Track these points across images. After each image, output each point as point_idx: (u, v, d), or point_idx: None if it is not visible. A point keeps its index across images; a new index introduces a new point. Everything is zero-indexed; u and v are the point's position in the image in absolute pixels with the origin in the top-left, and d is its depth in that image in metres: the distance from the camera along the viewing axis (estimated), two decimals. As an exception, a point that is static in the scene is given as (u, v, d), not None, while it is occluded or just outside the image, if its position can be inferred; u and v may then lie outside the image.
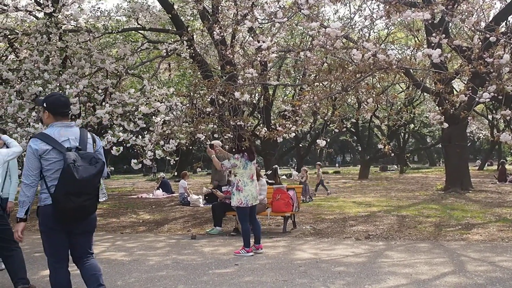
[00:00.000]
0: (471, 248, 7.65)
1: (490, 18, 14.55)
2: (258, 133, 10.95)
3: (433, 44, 7.35)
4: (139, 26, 15.32)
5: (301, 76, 22.00)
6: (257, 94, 20.39)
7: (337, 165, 62.17)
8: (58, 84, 10.29)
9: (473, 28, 8.20)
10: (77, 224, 4.17)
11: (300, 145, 41.67)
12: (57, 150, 4.08)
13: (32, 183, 4.12)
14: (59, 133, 4.18)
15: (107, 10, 14.34)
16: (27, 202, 4.18)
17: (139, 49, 16.11)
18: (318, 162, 22.90)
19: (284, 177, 30.14)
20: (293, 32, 20.69)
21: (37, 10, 13.32)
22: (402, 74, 11.91)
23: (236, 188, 7.75)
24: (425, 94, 25.40)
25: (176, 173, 17.28)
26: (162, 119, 10.43)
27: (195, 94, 10.08)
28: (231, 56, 10.90)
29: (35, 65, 10.74)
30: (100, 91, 11.52)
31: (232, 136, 9.75)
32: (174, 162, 10.17)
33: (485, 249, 7.58)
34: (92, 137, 4.38)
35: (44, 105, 4.27)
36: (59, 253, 4.22)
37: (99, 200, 4.27)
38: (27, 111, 9.86)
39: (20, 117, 10.00)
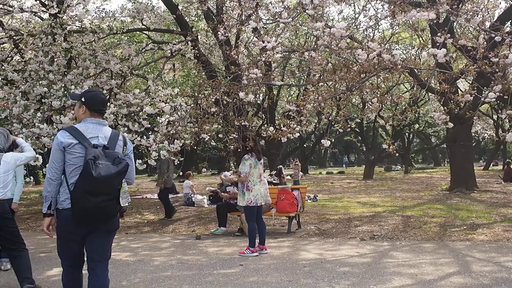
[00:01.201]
0: (477, 249, 7.63)
1: (495, 18, 14.51)
2: (263, 133, 10.95)
3: (438, 44, 7.33)
4: (143, 26, 15.35)
5: (305, 76, 22.03)
6: (261, 94, 20.45)
7: (344, 165, 61.67)
8: (63, 85, 10.32)
9: (478, 28, 8.18)
10: (96, 225, 3.98)
11: (305, 145, 41.67)
12: (82, 145, 3.92)
13: (54, 176, 3.94)
14: (89, 129, 4.04)
15: (111, 11, 14.41)
16: (49, 197, 3.98)
17: (144, 49, 16.14)
18: (296, 161, 22.70)
19: (288, 177, 30.11)
20: (297, 32, 20.67)
21: (42, 11, 13.35)
22: (407, 74, 11.90)
23: (246, 188, 7.76)
24: (430, 94, 25.33)
25: (181, 173, 17.30)
26: (167, 120, 10.45)
27: (200, 95, 10.09)
28: (236, 56, 10.91)
29: (40, 66, 10.76)
30: (105, 91, 11.53)
31: (236, 136, 9.77)
32: (179, 162, 10.18)
33: (490, 249, 7.56)
34: (123, 139, 4.22)
35: (82, 99, 4.14)
36: (72, 259, 4.10)
37: (121, 204, 4.09)
38: (32, 112, 9.88)
39: (26, 118, 10.02)
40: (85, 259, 4.15)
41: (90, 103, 4.14)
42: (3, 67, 11.42)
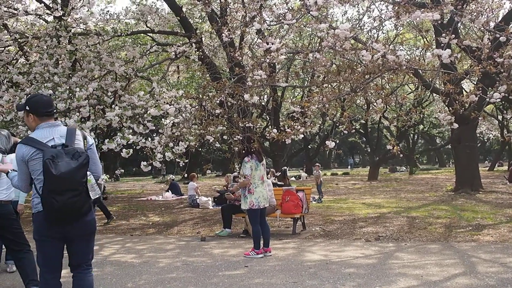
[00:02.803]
0: (482, 249, 7.62)
1: (500, 18, 14.48)
2: (267, 134, 10.93)
3: (442, 45, 7.32)
4: (148, 28, 15.38)
5: (309, 78, 22.00)
6: (265, 96, 20.45)
7: (349, 166, 61.33)
8: (68, 87, 10.34)
9: (482, 28, 8.16)
10: (71, 226, 3.94)
11: (309, 147, 41.69)
12: (41, 150, 3.90)
13: (21, 186, 4.10)
14: (43, 134, 4.02)
15: (116, 13, 14.44)
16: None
17: (148, 51, 16.15)
18: (317, 163, 22.71)
19: (293, 178, 30.14)
20: (301, 33, 20.70)
21: (47, 13, 13.39)
22: (411, 75, 11.88)
23: (248, 191, 7.75)
24: (434, 94, 25.30)
25: (185, 175, 17.31)
26: (171, 121, 10.46)
27: (204, 96, 10.09)
28: (240, 58, 10.91)
29: (45, 68, 10.78)
30: (109, 93, 11.55)
31: (241, 138, 9.77)
32: (184, 164, 10.19)
33: (496, 250, 7.54)
34: (82, 134, 4.17)
35: (27, 108, 4.11)
36: (51, 264, 4.04)
37: (92, 197, 4.05)
38: (37, 114, 9.90)
39: (31, 120, 10.04)
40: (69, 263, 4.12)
41: (35, 109, 4.11)
42: (8, 69, 11.46)
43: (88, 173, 3.96)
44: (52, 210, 3.79)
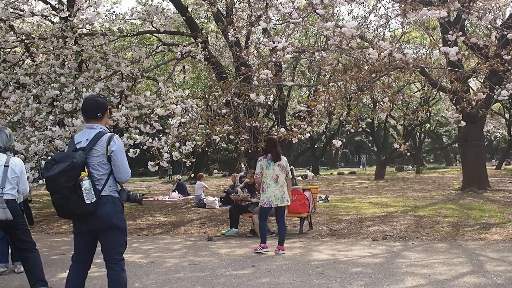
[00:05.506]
0: (490, 248, 7.57)
1: (507, 16, 14.41)
2: (274, 134, 10.92)
3: (449, 42, 7.29)
4: (153, 29, 15.38)
5: (316, 77, 21.97)
6: (272, 95, 20.44)
7: (361, 166, 60.69)
8: (74, 88, 10.36)
9: (490, 26, 8.13)
10: (84, 222, 4.21)
11: (315, 146, 41.64)
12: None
13: None
14: (80, 135, 4.31)
15: (122, 14, 14.39)
16: None
17: (154, 52, 16.19)
18: (291, 166, 22.50)
19: (300, 178, 30.12)
20: (307, 32, 20.65)
21: (53, 14, 13.40)
22: (418, 73, 11.85)
23: (262, 190, 7.96)
24: (441, 93, 25.20)
25: (192, 175, 17.32)
26: (178, 121, 10.47)
27: (210, 96, 10.10)
28: (246, 57, 10.90)
29: (52, 69, 10.81)
30: (116, 94, 11.57)
31: (247, 137, 9.77)
32: (190, 164, 10.19)
33: (504, 248, 7.50)
34: (108, 139, 4.23)
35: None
36: (77, 253, 4.38)
37: (86, 201, 4.07)
38: (44, 115, 9.94)
39: (38, 121, 10.08)
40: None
41: (82, 112, 4.50)
42: (15, 70, 11.49)
43: (86, 178, 4.07)
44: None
